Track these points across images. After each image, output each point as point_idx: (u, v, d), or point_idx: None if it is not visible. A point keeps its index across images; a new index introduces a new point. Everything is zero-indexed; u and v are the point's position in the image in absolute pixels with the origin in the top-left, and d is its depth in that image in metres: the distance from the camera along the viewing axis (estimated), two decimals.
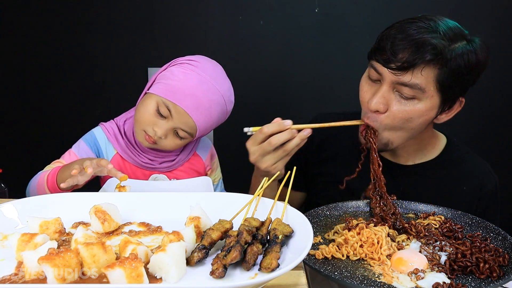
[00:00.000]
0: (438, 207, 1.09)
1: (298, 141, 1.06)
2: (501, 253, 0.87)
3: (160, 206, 0.93)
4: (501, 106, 2.17)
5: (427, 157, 1.26)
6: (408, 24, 1.05)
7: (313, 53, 2.13)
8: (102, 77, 2.18)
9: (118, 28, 2.13)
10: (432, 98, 1.05)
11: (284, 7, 2.09)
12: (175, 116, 1.24)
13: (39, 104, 2.23)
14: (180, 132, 1.28)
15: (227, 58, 2.13)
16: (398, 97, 1.06)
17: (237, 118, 2.22)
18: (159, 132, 1.25)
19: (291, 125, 1.07)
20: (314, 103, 2.14)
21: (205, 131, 1.33)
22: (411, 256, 0.86)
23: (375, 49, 1.09)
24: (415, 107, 1.06)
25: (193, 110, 1.23)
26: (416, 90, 1.03)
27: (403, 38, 1.03)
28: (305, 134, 1.07)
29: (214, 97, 1.26)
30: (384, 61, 1.04)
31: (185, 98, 1.23)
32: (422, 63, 1.01)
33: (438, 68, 1.02)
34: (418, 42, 1.01)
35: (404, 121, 1.08)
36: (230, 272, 0.70)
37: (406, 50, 1.01)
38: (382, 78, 1.07)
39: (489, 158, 1.34)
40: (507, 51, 2.10)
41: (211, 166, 1.49)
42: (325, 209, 1.08)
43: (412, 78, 1.02)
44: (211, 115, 1.27)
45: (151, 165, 1.35)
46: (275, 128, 1.06)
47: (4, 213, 0.86)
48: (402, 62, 1.01)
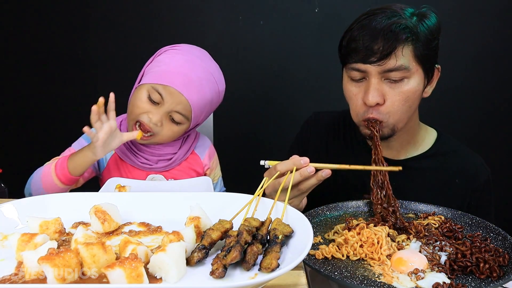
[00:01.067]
0: (438, 207, 1.09)
1: (315, 182, 0.99)
2: (501, 253, 0.87)
3: (160, 206, 0.93)
4: (502, 106, 2.17)
5: (418, 150, 1.27)
6: (365, 20, 1.09)
7: (313, 53, 2.14)
8: (102, 78, 2.19)
9: (119, 28, 2.14)
10: (417, 73, 1.10)
11: (284, 7, 2.10)
12: (167, 99, 1.23)
13: (39, 104, 2.24)
14: (175, 116, 1.26)
15: (227, 58, 2.14)
16: (389, 84, 1.09)
17: (237, 118, 2.24)
18: (154, 119, 1.24)
19: (307, 165, 0.97)
20: (314, 103, 2.15)
21: (200, 113, 1.30)
22: (411, 256, 0.86)
23: (347, 53, 1.12)
24: (408, 86, 1.09)
25: (184, 87, 1.23)
26: (403, 70, 1.07)
27: (369, 32, 1.07)
28: (323, 175, 0.98)
29: (202, 74, 1.27)
30: (362, 59, 1.08)
31: (174, 77, 1.23)
32: (400, 44, 1.05)
33: (412, 44, 1.07)
34: (385, 29, 1.05)
35: (403, 103, 1.11)
36: (230, 272, 0.70)
37: (379, 40, 1.05)
38: (368, 74, 1.09)
39: (489, 158, 1.35)
40: (507, 51, 2.10)
41: (209, 165, 1.48)
42: (325, 209, 1.08)
43: (397, 61, 1.06)
44: (203, 92, 1.26)
45: (148, 165, 1.35)
46: (289, 167, 0.98)
47: (4, 213, 0.86)
48: (380, 52, 1.05)
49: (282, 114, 2.16)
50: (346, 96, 1.18)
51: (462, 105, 2.14)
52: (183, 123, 1.29)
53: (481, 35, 2.08)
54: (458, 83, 2.09)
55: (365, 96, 1.10)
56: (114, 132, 1.19)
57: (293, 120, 1.57)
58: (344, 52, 1.14)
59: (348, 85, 1.16)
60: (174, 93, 1.23)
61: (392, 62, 1.06)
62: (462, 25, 2.06)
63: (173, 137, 1.33)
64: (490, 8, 2.06)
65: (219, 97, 1.35)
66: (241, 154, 2.16)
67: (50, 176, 1.20)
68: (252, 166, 1.20)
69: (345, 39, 1.13)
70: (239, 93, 2.19)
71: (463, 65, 2.08)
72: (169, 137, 1.31)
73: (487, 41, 2.09)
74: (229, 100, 2.18)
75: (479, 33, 2.08)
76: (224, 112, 2.17)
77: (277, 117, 2.16)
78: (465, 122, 2.17)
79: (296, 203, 1.04)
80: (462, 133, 2.06)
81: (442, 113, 2.11)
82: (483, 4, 2.05)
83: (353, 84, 1.14)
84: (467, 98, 2.14)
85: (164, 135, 1.29)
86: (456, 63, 2.06)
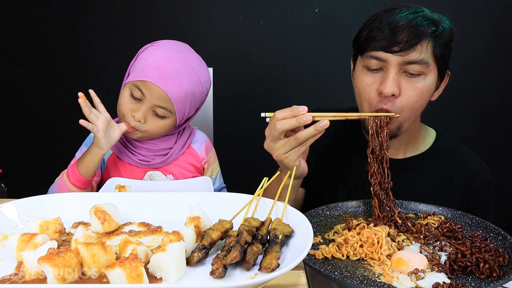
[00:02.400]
0: (438, 207, 1.09)
1: (312, 132, 0.97)
2: (501, 253, 0.87)
3: (160, 206, 0.93)
4: (502, 106, 2.17)
5: (418, 150, 1.27)
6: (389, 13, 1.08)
7: (313, 53, 2.13)
8: (102, 78, 2.19)
9: (118, 29, 2.14)
10: (433, 71, 1.09)
11: (284, 7, 2.10)
12: (147, 94, 1.25)
13: (39, 105, 2.24)
14: (158, 110, 1.27)
15: (227, 58, 2.14)
16: (407, 77, 1.08)
17: (237, 118, 2.24)
18: (137, 116, 1.26)
19: (305, 112, 0.97)
20: (314, 103, 2.13)
21: (182, 105, 1.29)
22: (411, 256, 0.86)
23: (368, 41, 1.09)
24: (424, 83, 1.08)
25: (160, 79, 1.24)
26: (423, 65, 1.06)
27: (395, 23, 1.05)
28: (321, 125, 0.96)
29: (179, 65, 1.27)
30: (384, 47, 1.06)
31: (150, 71, 1.24)
32: (425, 38, 1.04)
33: (434, 41, 1.06)
34: (413, 20, 1.04)
35: (418, 99, 1.09)
36: (230, 272, 0.70)
37: (404, 32, 1.04)
38: (387, 64, 1.07)
39: (489, 158, 1.35)
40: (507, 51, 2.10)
41: (207, 159, 1.49)
42: (325, 209, 1.08)
43: (420, 55, 1.04)
44: (180, 83, 1.26)
45: (145, 161, 1.36)
46: (288, 113, 0.97)
47: (4, 213, 0.86)
48: (404, 42, 1.03)
49: None
50: (358, 86, 1.14)
51: (462, 105, 2.14)
52: (168, 117, 1.29)
53: (480, 35, 2.08)
54: (458, 83, 2.09)
55: (382, 86, 1.07)
56: (110, 123, 1.23)
57: None
58: (364, 40, 1.11)
59: (362, 75, 1.13)
60: (152, 88, 1.24)
61: (415, 54, 1.04)
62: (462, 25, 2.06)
63: (162, 132, 1.34)
64: (491, 8, 2.06)
65: (202, 88, 1.34)
66: (241, 154, 2.16)
67: (66, 186, 1.23)
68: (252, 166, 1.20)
69: (365, 29, 1.11)
70: (239, 93, 2.19)
71: (462, 65, 2.08)
72: (157, 132, 1.32)
73: (487, 41, 2.09)
74: (229, 100, 2.20)
75: (478, 33, 2.08)
76: (224, 112, 2.18)
77: None
78: (464, 122, 2.17)
79: (292, 157, 0.99)
80: (461, 133, 2.06)
81: (441, 113, 2.11)
82: (483, 4, 2.05)
83: (368, 74, 1.11)
84: (467, 98, 2.14)
85: (150, 130, 1.30)
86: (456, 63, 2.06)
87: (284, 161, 1.00)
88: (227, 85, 2.13)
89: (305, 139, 0.97)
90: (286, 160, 1.00)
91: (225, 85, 2.11)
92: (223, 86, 2.08)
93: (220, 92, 2.11)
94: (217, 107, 2.14)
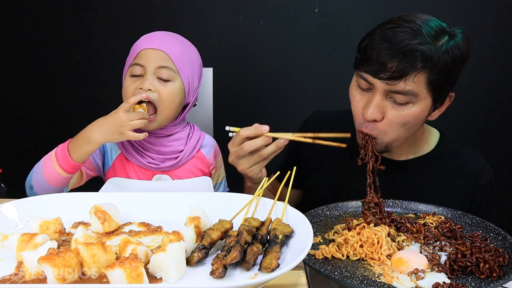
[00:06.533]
0: (438, 207, 1.09)
1: (274, 149, 1.09)
2: (501, 253, 0.87)
3: (160, 206, 0.93)
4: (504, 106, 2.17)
5: (420, 152, 1.26)
6: (390, 31, 1.03)
7: (313, 53, 2.14)
8: (103, 78, 2.19)
9: (118, 28, 2.14)
10: (425, 99, 1.06)
11: (284, 7, 2.10)
12: (146, 63, 1.25)
13: (39, 104, 2.24)
14: (162, 72, 1.25)
15: (227, 58, 2.14)
16: (392, 104, 1.06)
17: (237, 118, 2.24)
18: (145, 85, 1.24)
19: (267, 131, 1.09)
20: (314, 103, 2.15)
21: (182, 64, 1.28)
22: (411, 256, 0.86)
23: (361, 60, 1.08)
24: (410, 111, 1.06)
25: (149, 42, 1.27)
26: (410, 96, 1.04)
27: (389, 47, 1.02)
28: (281, 142, 1.10)
29: (164, 32, 1.33)
30: (373, 72, 1.04)
31: (139, 44, 1.29)
32: (414, 71, 1.01)
33: (427, 72, 1.02)
34: (406, 50, 1.00)
35: (401, 125, 1.08)
36: (230, 272, 0.70)
37: (395, 59, 1.01)
38: (374, 88, 1.07)
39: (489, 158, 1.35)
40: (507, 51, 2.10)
41: (215, 165, 1.48)
42: (325, 209, 1.08)
43: (406, 86, 1.02)
44: (169, 39, 1.29)
45: (155, 165, 1.35)
46: (251, 132, 1.09)
47: (4, 213, 0.86)
48: (392, 71, 1.01)
49: (282, 114, 2.16)
50: (350, 98, 1.16)
51: (464, 105, 2.14)
52: (173, 79, 1.27)
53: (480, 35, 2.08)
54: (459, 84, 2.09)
55: (364, 109, 1.08)
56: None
57: (292, 119, 1.57)
58: (359, 57, 1.10)
59: (354, 90, 1.14)
60: (148, 53, 1.26)
61: (401, 85, 1.02)
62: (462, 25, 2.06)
63: (174, 99, 1.29)
64: (491, 7, 2.06)
65: (195, 53, 1.36)
66: None
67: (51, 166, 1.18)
68: None
69: (363, 43, 1.08)
70: (239, 93, 2.20)
71: None
72: (170, 98, 1.27)
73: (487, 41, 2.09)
74: (229, 99, 2.20)
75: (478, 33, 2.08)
76: (224, 112, 2.17)
77: (277, 117, 2.16)
78: (466, 123, 2.17)
79: (256, 171, 1.12)
80: (463, 133, 2.06)
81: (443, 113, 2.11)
82: (483, 4, 2.05)
83: (358, 90, 1.12)
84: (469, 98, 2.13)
85: (162, 97, 1.26)
86: None
87: (248, 174, 1.13)
88: (227, 85, 2.13)
89: (268, 155, 1.10)
90: (250, 174, 1.13)
91: (225, 85, 2.11)
92: (223, 86, 2.08)
93: (220, 92, 2.11)
94: (217, 107, 2.14)
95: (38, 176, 1.19)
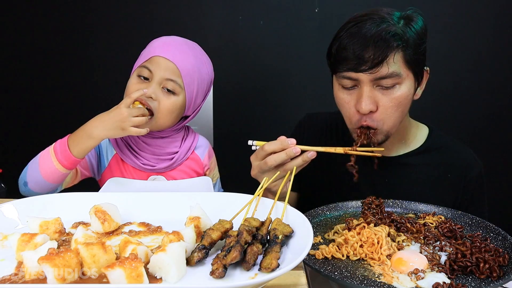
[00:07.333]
0: (438, 207, 1.09)
1: (300, 163, 1.03)
2: (501, 253, 0.87)
3: (160, 206, 0.93)
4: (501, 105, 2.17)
5: (410, 147, 1.28)
6: (354, 28, 1.08)
7: (313, 53, 2.13)
8: (102, 78, 2.19)
9: (118, 29, 2.13)
10: (408, 77, 1.10)
11: (284, 7, 2.09)
12: (155, 69, 1.25)
13: (39, 105, 2.24)
14: (168, 84, 1.25)
15: (227, 58, 2.14)
16: (381, 91, 1.09)
17: (237, 118, 2.24)
18: (149, 92, 1.23)
19: (294, 144, 1.03)
20: (314, 103, 2.14)
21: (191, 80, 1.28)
22: (411, 256, 0.86)
23: (338, 62, 1.11)
24: (399, 92, 1.10)
25: (167, 51, 1.26)
26: (395, 77, 1.07)
27: (360, 40, 1.06)
28: (309, 156, 1.03)
29: (185, 44, 1.32)
30: (354, 68, 1.07)
31: (155, 49, 1.27)
32: (391, 52, 1.05)
33: (402, 50, 1.07)
34: (377, 36, 1.05)
35: (396, 109, 1.11)
36: (230, 272, 0.70)
37: (370, 48, 1.05)
38: (359, 82, 1.09)
39: (489, 158, 1.35)
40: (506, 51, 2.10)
41: (209, 166, 1.49)
42: (325, 209, 1.08)
43: (389, 69, 1.06)
44: (187, 55, 1.28)
45: (150, 166, 1.35)
46: (277, 147, 1.03)
47: (4, 213, 0.86)
48: (372, 60, 1.04)
49: (282, 114, 2.16)
50: (338, 103, 1.18)
51: (461, 105, 2.14)
52: (177, 93, 1.27)
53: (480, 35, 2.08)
54: (456, 83, 2.09)
55: (358, 104, 1.10)
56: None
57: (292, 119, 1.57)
58: (334, 60, 1.13)
59: (339, 93, 1.16)
60: (160, 61, 1.25)
61: (384, 69, 1.06)
62: (462, 25, 2.06)
63: (173, 111, 1.29)
64: (488, 8, 2.06)
65: (207, 69, 1.35)
66: (241, 154, 2.15)
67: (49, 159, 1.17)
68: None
69: (334, 47, 1.13)
70: (239, 93, 2.19)
71: (461, 65, 2.08)
72: (169, 110, 1.27)
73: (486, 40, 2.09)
74: (229, 100, 2.19)
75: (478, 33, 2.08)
76: (224, 112, 2.18)
77: (277, 117, 2.16)
78: (465, 123, 2.17)
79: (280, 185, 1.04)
80: (462, 133, 2.06)
81: (442, 113, 2.12)
82: (483, 4, 2.05)
83: (344, 92, 1.14)
84: (465, 98, 2.14)
85: (161, 108, 1.26)
86: (456, 63, 2.06)
87: (273, 189, 1.07)
88: (227, 85, 2.13)
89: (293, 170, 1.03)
90: (275, 188, 1.07)
91: (225, 85, 2.11)
92: (223, 86, 2.08)
93: (220, 92, 2.11)
94: (217, 107, 2.14)
95: (34, 172, 1.18)
